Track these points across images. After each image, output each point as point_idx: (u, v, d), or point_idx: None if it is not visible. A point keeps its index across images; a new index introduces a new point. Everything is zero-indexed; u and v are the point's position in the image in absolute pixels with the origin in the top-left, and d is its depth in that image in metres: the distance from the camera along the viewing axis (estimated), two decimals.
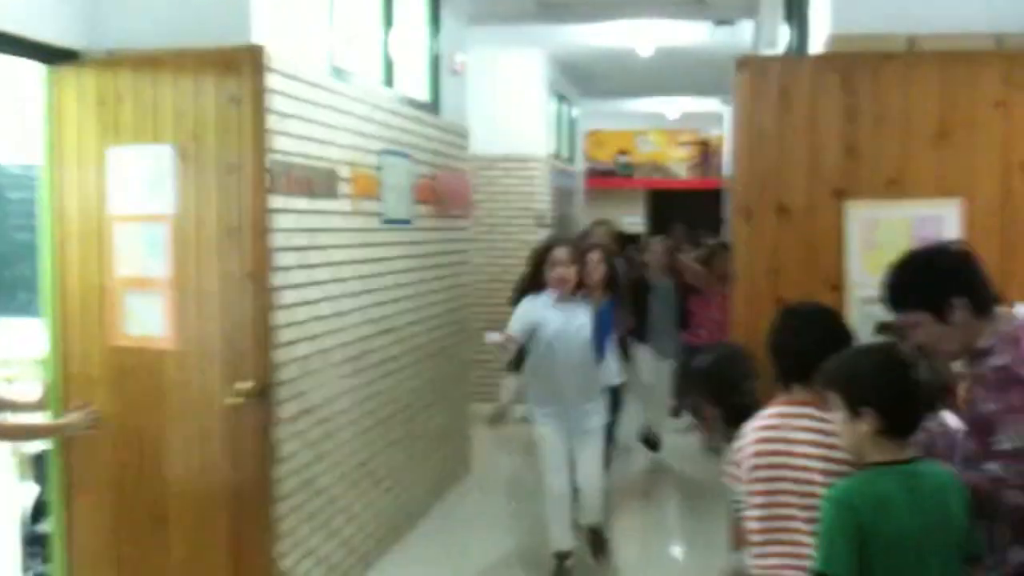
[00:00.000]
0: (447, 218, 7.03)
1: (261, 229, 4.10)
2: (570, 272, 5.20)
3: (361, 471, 5.50)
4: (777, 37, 7.02)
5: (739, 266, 4.14)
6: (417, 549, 5.96)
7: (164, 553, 4.26)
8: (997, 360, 2.69)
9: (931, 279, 2.81)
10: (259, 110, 4.07)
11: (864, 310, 3.91)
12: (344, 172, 5.21)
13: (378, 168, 5.70)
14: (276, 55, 4.32)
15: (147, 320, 4.21)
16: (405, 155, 6.15)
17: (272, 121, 4.18)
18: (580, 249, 5.63)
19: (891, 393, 2.55)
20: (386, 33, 6.19)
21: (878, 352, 2.66)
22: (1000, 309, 2.79)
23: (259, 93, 4.07)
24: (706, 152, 17.44)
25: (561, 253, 5.32)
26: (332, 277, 5.04)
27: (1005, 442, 2.60)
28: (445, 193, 6.94)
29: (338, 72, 5.24)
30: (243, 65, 4.06)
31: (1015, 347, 2.68)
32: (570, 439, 5.40)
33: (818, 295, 3.92)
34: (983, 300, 2.78)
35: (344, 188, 5.21)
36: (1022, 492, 2.60)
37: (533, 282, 5.40)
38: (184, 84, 4.11)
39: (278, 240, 4.27)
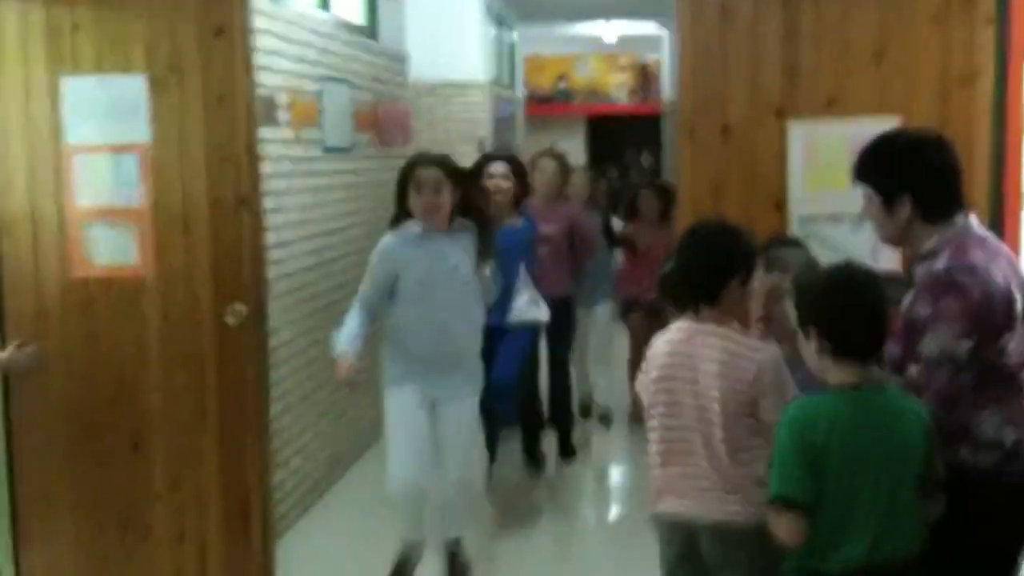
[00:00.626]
0: (387, 146, 6.97)
1: (253, 156, 4.16)
2: (439, 199, 4.18)
3: (306, 403, 5.50)
4: None
5: (683, 186, 4.16)
6: (363, 479, 6.00)
7: (145, 482, 4.28)
8: (938, 264, 2.70)
9: (890, 164, 2.83)
10: (246, 41, 4.10)
11: (805, 228, 3.97)
12: (283, 99, 5.13)
13: (317, 95, 5.61)
14: None
15: (116, 249, 4.16)
16: (344, 81, 6.06)
17: None
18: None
19: (833, 314, 2.54)
20: None
21: (832, 273, 2.66)
22: (959, 218, 2.78)
23: (244, 24, 4.09)
24: (645, 77, 17.40)
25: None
26: (275, 206, 4.98)
27: (926, 346, 2.62)
28: (385, 121, 6.87)
29: None
30: None
31: (958, 253, 2.69)
32: (433, 414, 4.28)
33: (760, 214, 3.97)
34: (934, 205, 2.76)
35: (283, 116, 5.14)
36: (935, 398, 2.63)
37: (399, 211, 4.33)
38: (157, 16, 4.08)
39: None
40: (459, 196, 4.28)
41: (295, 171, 5.29)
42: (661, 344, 2.98)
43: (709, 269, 2.92)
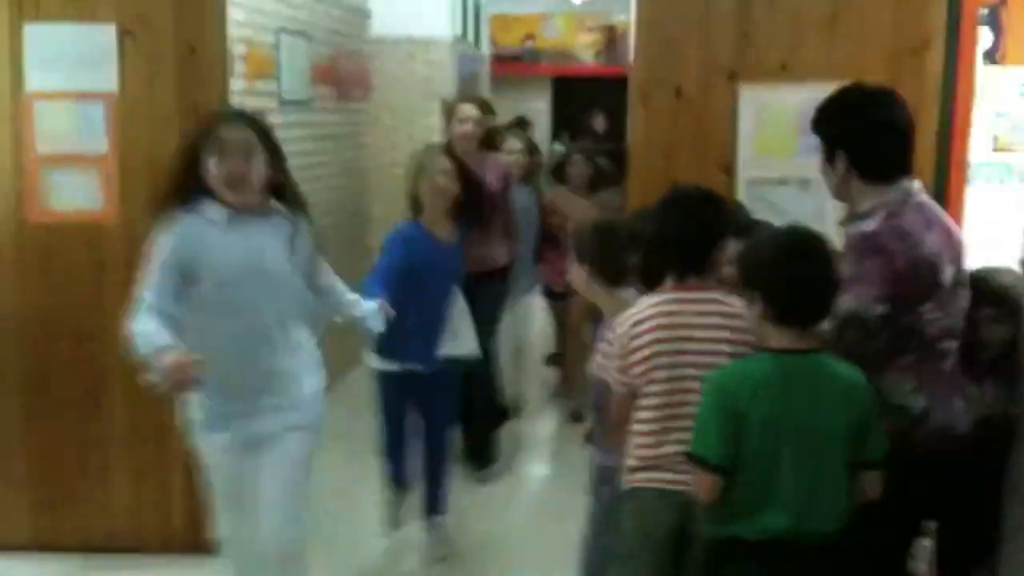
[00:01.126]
0: (346, 100, 6.95)
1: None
2: (244, 167, 3.08)
3: None
4: None
5: (635, 150, 4.20)
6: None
7: (106, 426, 4.34)
8: (869, 225, 2.71)
9: (833, 117, 2.83)
10: None
11: (752, 191, 4.04)
12: (241, 50, 5.11)
13: (275, 47, 5.59)
14: None
15: (78, 195, 4.15)
16: (303, 34, 6.04)
17: None
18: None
19: (776, 280, 2.51)
20: None
21: (776, 238, 2.63)
22: (902, 182, 2.76)
23: None
24: (612, 38, 17.37)
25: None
26: None
27: (841, 305, 2.60)
28: (344, 75, 6.85)
29: None
30: None
31: (891, 217, 2.69)
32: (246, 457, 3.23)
33: (709, 177, 4.03)
34: (871, 164, 2.75)
35: (240, 67, 5.11)
36: (842, 358, 2.61)
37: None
38: None
39: None
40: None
41: None
42: (643, 319, 2.83)
43: (702, 236, 2.85)
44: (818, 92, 3.03)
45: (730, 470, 2.49)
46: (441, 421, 4.48)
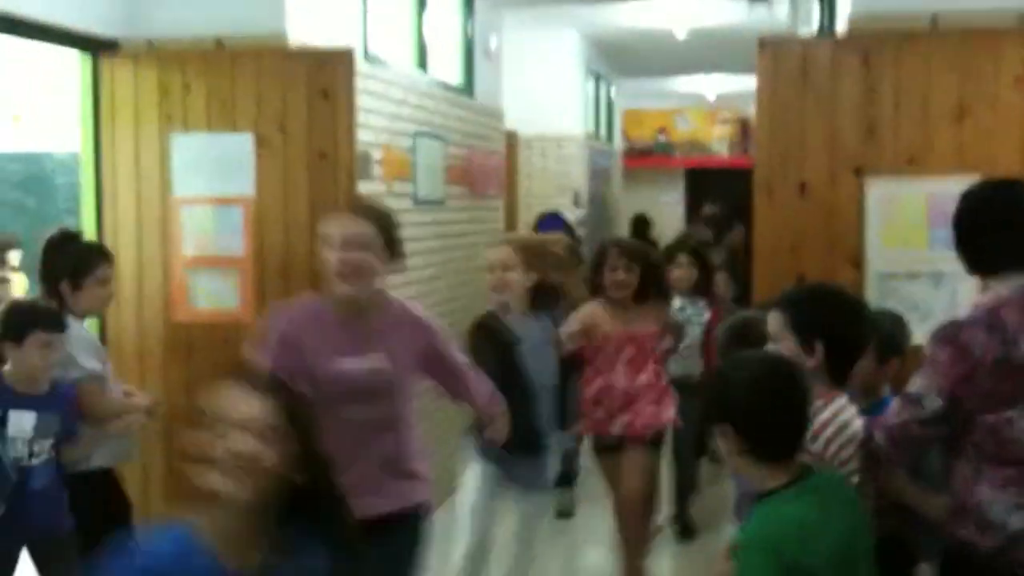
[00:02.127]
0: (480, 198, 7.13)
1: None
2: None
3: None
4: (811, 15, 7.03)
5: (760, 242, 4.20)
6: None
7: None
8: (963, 313, 2.60)
9: (957, 211, 2.66)
10: (351, 104, 4.42)
11: (882, 286, 3.97)
12: (377, 154, 5.33)
13: (411, 150, 5.81)
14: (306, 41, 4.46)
15: (219, 295, 4.39)
16: (438, 137, 6.26)
17: None
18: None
19: (753, 415, 2.25)
20: (419, 16, 6.29)
21: (753, 369, 2.34)
22: (1014, 275, 2.58)
23: (351, 90, 4.41)
24: (745, 130, 17.37)
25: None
26: None
27: (911, 381, 2.53)
28: (477, 173, 7.05)
29: (372, 58, 5.35)
30: (337, 64, 4.41)
31: (990, 308, 2.53)
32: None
33: (837, 271, 4.00)
34: (982, 256, 2.60)
35: (377, 170, 5.33)
36: (886, 430, 2.51)
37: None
38: (266, 78, 4.38)
39: None
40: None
41: None
42: (847, 416, 2.60)
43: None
44: (948, 185, 2.98)
45: None
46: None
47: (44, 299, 3.61)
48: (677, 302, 5.44)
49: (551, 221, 7.23)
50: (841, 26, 4.67)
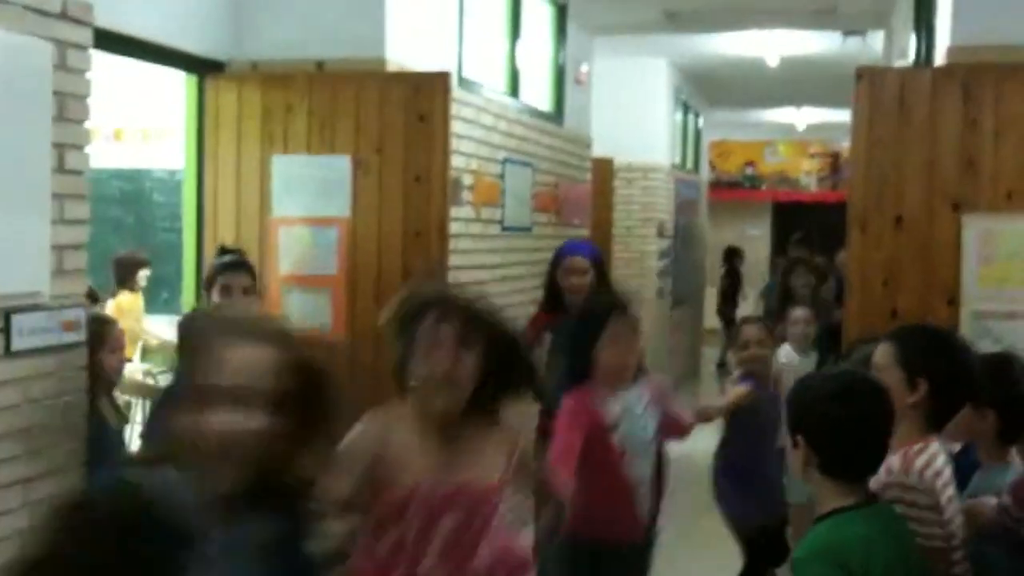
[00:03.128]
0: (566, 226, 7.16)
1: (443, 234, 4.53)
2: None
3: None
4: (907, 48, 6.94)
5: (853, 277, 4.15)
6: None
7: None
8: None
9: None
10: (446, 128, 4.50)
11: (977, 325, 3.88)
12: (468, 180, 5.39)
13: (500, 176, 5.87)
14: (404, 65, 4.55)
15: (312, 313, 4.48)
16: (527, 164, 6.31)
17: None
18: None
19: (825, 427, 2.22)
20: (512, 44, 6.36)
21: (826, 379, 2.36)
22: None
23: (446, 113, 4.49)
24: (836, 164, 17.14)
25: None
26: (452, 281, 5.21)
27: None
28: (565, 202, 7.07)
29: (466, 82, 5.43)
30: (434, 88, 4.48)
31: None
32: None
33: (933, 309, 3.92)
34: None
35: (467, 195, 5.39)
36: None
37: None
38: (366, 101, 4.47)
39: None
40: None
41: (474, 247, 5.52)
42: (940, 464, 2.50)
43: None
44: None
45: None
46: None
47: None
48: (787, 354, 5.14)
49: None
50: (940, 57, 4.60)
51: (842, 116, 14.39)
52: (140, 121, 7.77)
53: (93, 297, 5.06)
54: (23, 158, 3.04)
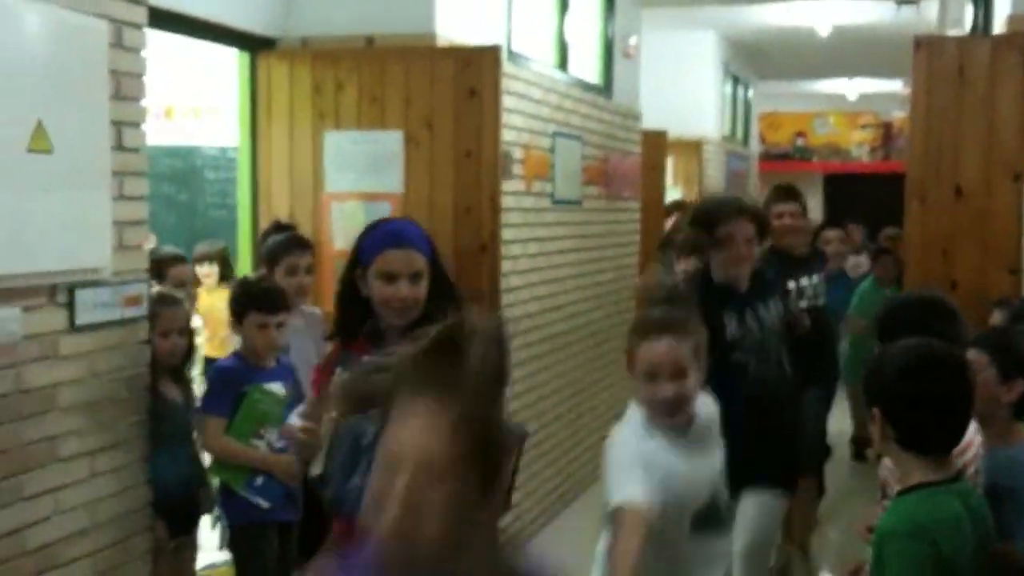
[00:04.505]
0: (616, 199, 7.13)
1: (495, 208, 4.55)
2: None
3: (537, 435, 5.69)
4: (963, 17, 6.81)
5: (911, 248, 4.10)
6: (576, 523, 6.09)
7: None
8: None
9: None
10: (496, 102, 4.50)
11: None
12: (518, 154, 5.39)
13: (550, 150, 5.85)
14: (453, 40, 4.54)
15: None
16: (576, 137, 6.28)
17: None
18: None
19: (903, 403, 2.18)
20: (561, 17, 6.32)
21: (904, 352, 2.27)
22: None
23: (496, 88, 4.49)
24: (888, 135, 16.89)
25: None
26: (504, 254, 5.21)
27: None
28: (614, 175, 7.04)
29: (515, 56, 5.41)
30: (484, 62, 4.48)
31: None
32: None
33: (993, 278, 3.86)
34: None
35: (517, 169, 5.39)
36: None
37: None
38: (415, 77, 4.47)
39: None
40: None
41: (524, 221, 5.52)
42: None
43: None
44: None
45: None
46: None
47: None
48: None
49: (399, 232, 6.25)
50: (999, 26, 4.51)
51: (894, 86, 14.26)
52: (191, 99, 7.84)
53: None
54: (83, 136, 3.08)
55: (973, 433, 2.48)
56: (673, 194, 9.81)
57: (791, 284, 4.22)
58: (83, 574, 3.08)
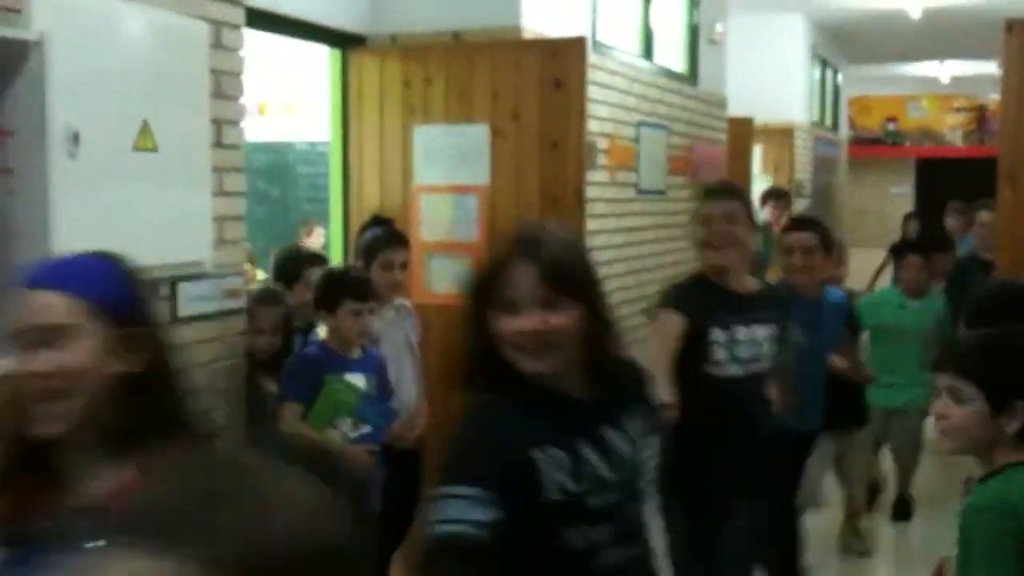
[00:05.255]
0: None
1: (580, 199, 4.55)
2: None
3: None
4: None
5: (1002, 236, 4.03)
6: None
7: None
8: None
9: None
10: (581, 94, 4.51)
11: None
12: (603, 144, 5.42)
13: (635, 140, 5.87)
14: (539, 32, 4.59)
15: (454, 279, 4.58)
16: (662, 127, 6.29)
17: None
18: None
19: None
20: (646, 5, 6.33)
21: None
22: None
23: (582, 79, 4.50)
24: (983, 118, 16.46)
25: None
26: (589, 245, 5.26)
27: None
28: (699, 163, 7.03)
29: (600, 47, 5.44)
30: (569, 53, 4.49)
31: None
32: None
33: None
34: None
35: (602, 159, 5.42)
36: None
37: None
38: (501, 70, 4.53)
39: None
40: None
41: (609, 212, 5.56)
42: None
43: None
44: None
45: None
46: None
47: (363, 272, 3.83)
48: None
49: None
50: None
51: (988, 68, 13.87)
52: (282, 95, 8.02)
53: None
54: (185, 135, 3.22)
55: None
56: (762, 182, 9.72)
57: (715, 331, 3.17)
58: None
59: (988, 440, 2.21)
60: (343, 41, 4.78)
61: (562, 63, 4.45)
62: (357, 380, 3.55)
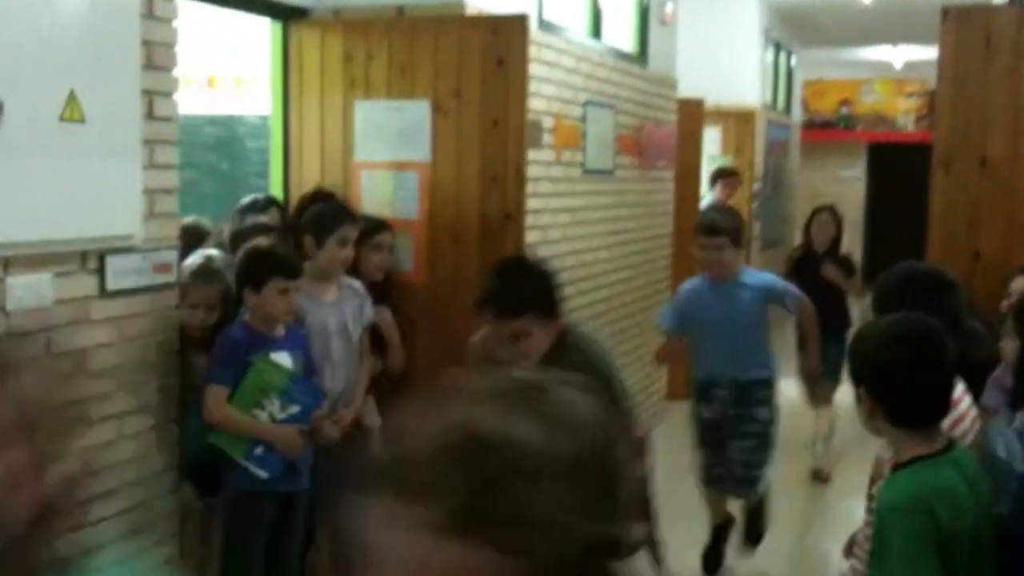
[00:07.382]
0: (650, 169, 7.13)
1: (521, 177, 4.56)
2: None
3: None
4: None
5: (935, 220, 4.09)
6: None
7: None
8: None
9: None
10: (523, 71, 4.51)
11: None
12: (548, 123, 5.42)
13: (582, 119, 5.87)
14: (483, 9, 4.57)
15: (396, 257, 4.53)
16: (609, 106, 6.29)
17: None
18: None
19: (889, 376, 2.22)
20: None
21: (887, 329, 2.32)
22: None
23: (524, 57, 4.50)
24: (934, 103, 16.60)
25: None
26: (532, 224, 5.26)
27: None
28: (648, 144, 7.04)
29: (546, 25, 5.43)
30: (512, 31, 4.48)
31: None
32: None
33: (1018, 250, 3.85)
34: None
35: (547, 139, 5.42)
36: None
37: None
38: (444, 47, 4.50)
39: None
40: None
41: (554, 191, 5.56)
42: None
43: None
44: None
45: None
46: None
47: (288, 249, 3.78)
48: None
49: None
50: None
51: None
52: (232, 68, 7.93)
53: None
54: (114, 106, 3.17)
55: (969, 405, 2.51)
56: (718, 163, 9.76)
57: None
58: (111, 534, 3.19)
59: (878, 430, 2.26)
60: (285, 14, 4.73)
61: (504, 40, 4.44)
62: (283, 359, 3.52)
